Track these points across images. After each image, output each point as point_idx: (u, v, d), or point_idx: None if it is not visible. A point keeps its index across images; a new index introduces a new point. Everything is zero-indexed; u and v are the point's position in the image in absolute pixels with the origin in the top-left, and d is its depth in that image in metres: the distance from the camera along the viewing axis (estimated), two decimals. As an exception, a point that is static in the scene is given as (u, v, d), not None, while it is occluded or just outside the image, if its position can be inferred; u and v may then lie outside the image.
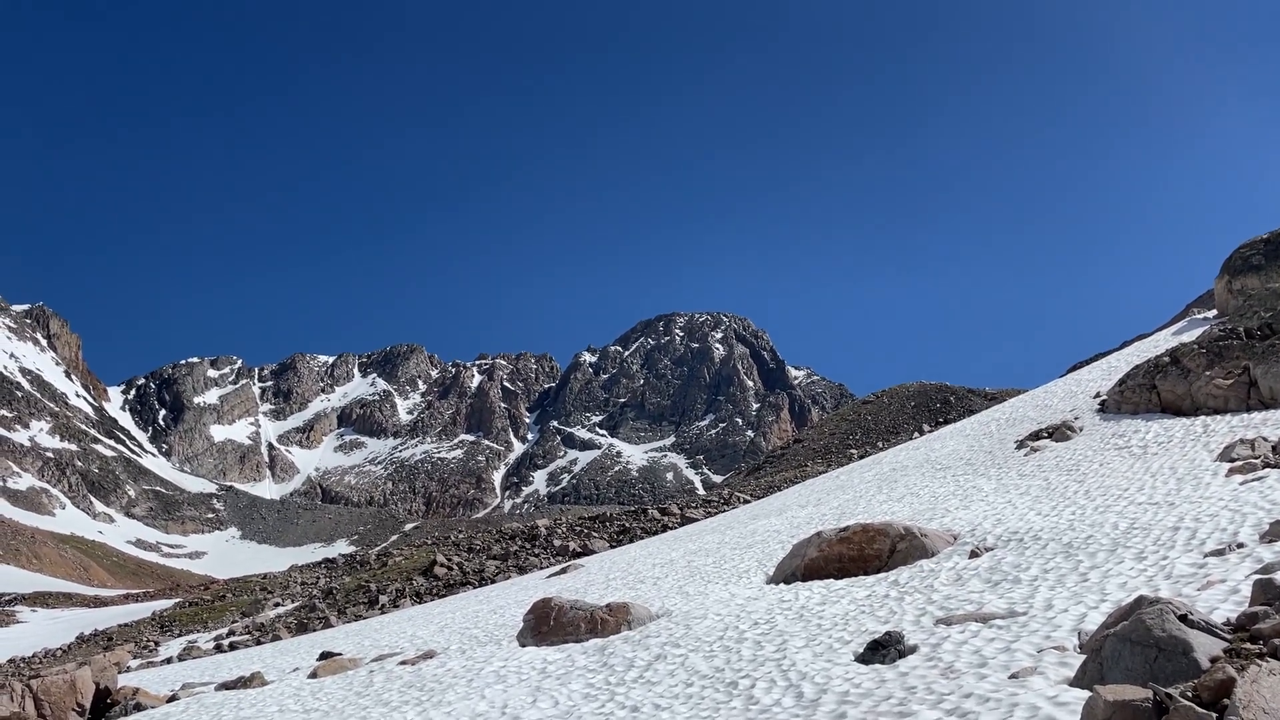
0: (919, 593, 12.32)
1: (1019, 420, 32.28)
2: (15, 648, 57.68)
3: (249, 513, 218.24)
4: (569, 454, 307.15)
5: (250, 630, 43.39)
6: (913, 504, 22.09)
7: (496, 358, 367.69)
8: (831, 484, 36.47)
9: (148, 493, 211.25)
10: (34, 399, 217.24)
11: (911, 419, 74.63)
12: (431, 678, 14.37)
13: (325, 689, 15.66)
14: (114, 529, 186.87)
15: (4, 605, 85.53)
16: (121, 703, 17.39)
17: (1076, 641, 8.57)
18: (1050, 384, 42.46)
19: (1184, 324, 40.44)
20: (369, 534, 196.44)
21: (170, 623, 54.35)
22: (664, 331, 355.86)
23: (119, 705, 17.28)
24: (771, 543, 22.11)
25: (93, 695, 17.44)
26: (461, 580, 43.28)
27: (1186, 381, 24.98)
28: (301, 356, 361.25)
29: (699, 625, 13.30)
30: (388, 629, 27.21)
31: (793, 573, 15.89)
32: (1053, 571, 11.73)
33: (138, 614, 65.74)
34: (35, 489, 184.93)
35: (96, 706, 17.41)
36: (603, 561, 33.00)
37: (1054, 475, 20.52)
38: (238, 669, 24.02)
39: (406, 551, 60.69)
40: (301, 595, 51.44)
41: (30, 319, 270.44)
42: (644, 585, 20.55)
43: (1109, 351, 52.63)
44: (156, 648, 45.38)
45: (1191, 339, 30.40)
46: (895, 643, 9.79)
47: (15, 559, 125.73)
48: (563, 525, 51.53)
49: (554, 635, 14.76)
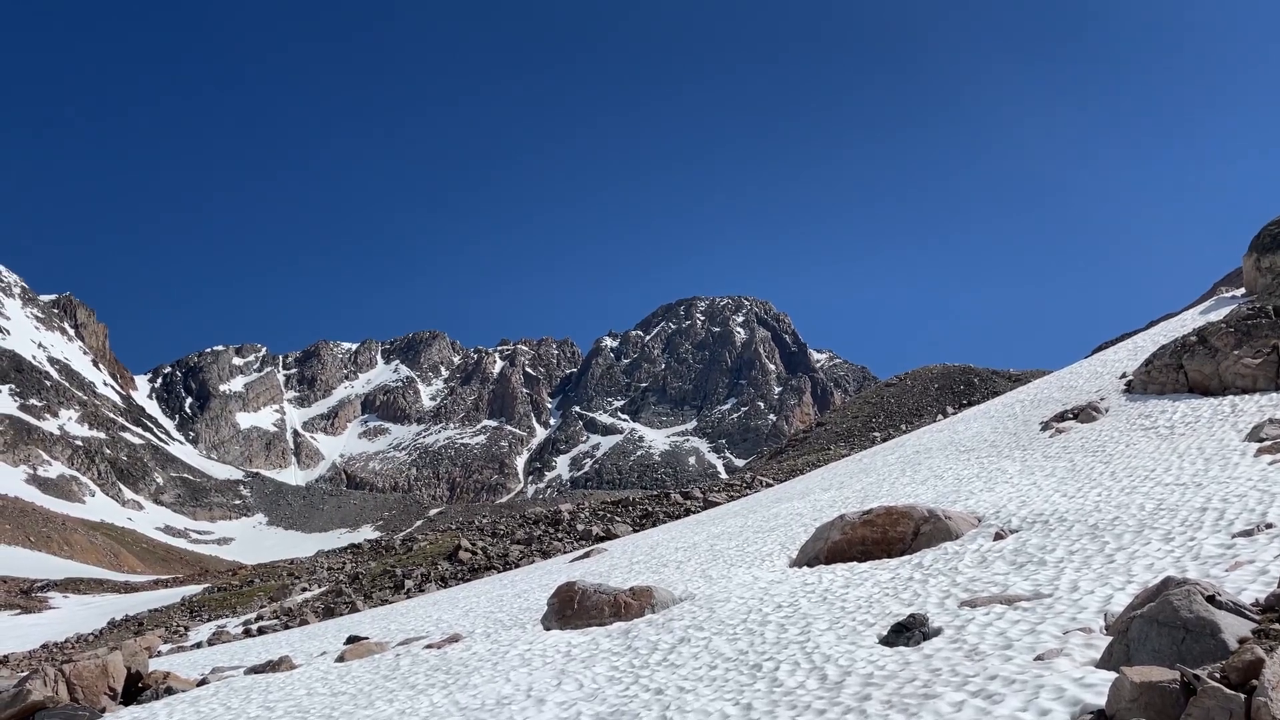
0: (943, 575, 12.28)
1: (1044, 401, 32.02)
2: (48, 633, 58.61)
3: (275, 499, 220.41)
4: (591, 439, 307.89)
5: (278, 615, 43.86)
6: (936, 486, 22.00)
7: (518, 343, 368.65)
8: (854, 467, 36.36)
9: (175, 480, 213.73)
10: (63, 388, 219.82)
11: (935, 401, 74.25)
12: (457, 661, 14.48)
13: (352, 672, 15.81)
14: (143, 516, 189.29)
15: (37, 591, 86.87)
16: (153, 686, 17.61)
17: (1103, 623, 8.52)
18: (1075, 365, 42.08)
19: (1211, 303, 39.93)
20: (394, 519, 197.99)
21: (199, 608, 55.01)
22: (685, 316, 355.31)
23: (150, 689, 17.51)
24: (794, 526, 22.09)
25: (124, 679, 17.67)
26: (486, 565, 43.54)
27: (1214, 361, 24.69)
28: (325, 344, 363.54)
29: (722, 608, 13.32)
30: (413, 613, 27.43)
31: (816, 556, 15.87)
32: (1078, 553, 11.65)
33: (167, 599, 66.62)
34: (65, 477, 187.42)
35: (128, 690, 17.65)
36: (626, 546, 33.10)
37: (1079, 457, 20.37)
38: (266, 653, 24.29)
39: (431, 536, 61.08)
40: (328, 580, 51.91)
41: (58, 309, 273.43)
42: (667, 569, 20.60)
43: (1135, 331, 52.10)
44: (186, 633, 45.96)
45: (1219, 318, 30.01)
46: (919, 625, 9.77)
47: (47, 546, 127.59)
48: (585, 510, 51.70)
49: (578, 619, 14.82)
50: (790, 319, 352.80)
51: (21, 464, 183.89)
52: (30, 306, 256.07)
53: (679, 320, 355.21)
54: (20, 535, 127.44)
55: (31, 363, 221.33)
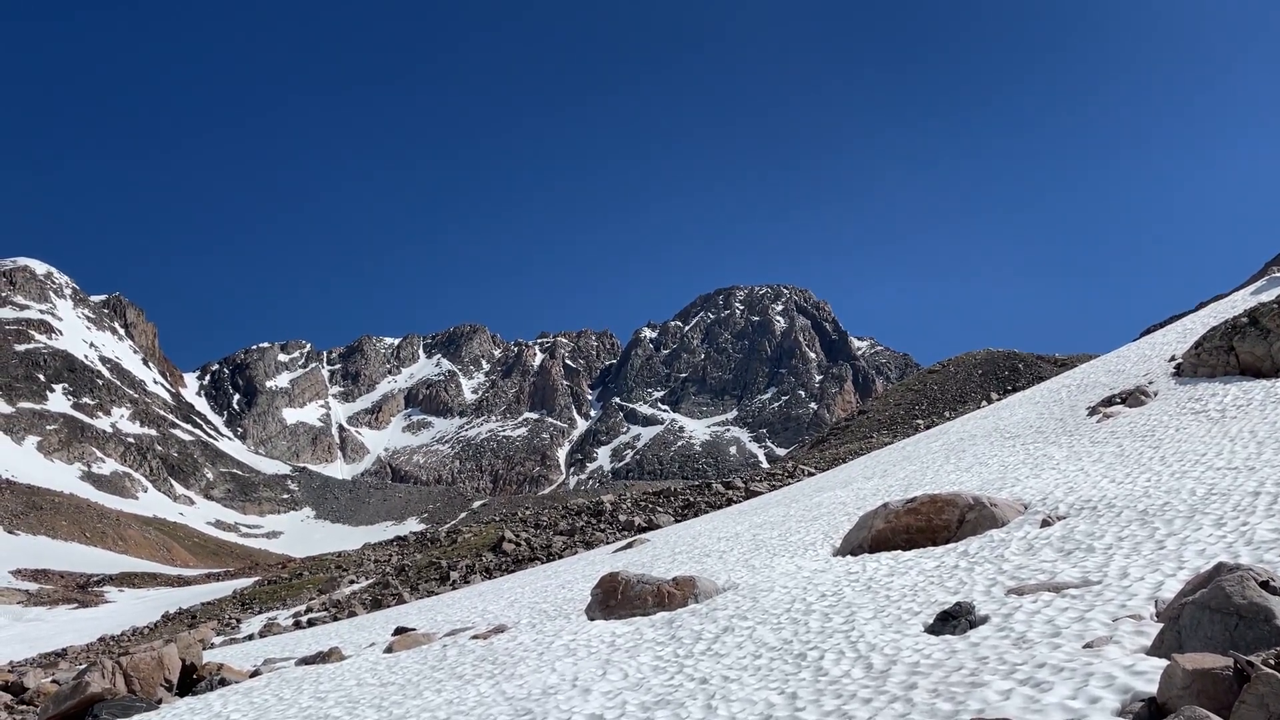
0: (989, 563, 12.16)
1: (1091, 386, 31.54)
2: (104, 626, 59.96)
3: (322, 493, 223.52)
4: (632, 430, 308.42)
5: (327, 607, 44.50)
6: (981, 474, 21.77)
7: (558, 336, 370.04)
8: (897, 455, 36.08)
9: (225, 475, 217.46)
10: (114, 386, 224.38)
11: (979, 387, 73.44)
12: (503, 651, 14.61)
13: (400, 663, 16.01)
14: (194, 510, 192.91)
15: (93, 586, 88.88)
16: (207, 678, 17.97)
17: (1153, 610, 8.40)
18: (1123, 348, 41.38)
19: (1263, 283, 39.07)
20: (438, 511, 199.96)
21: (250, 600, 55.97)
22: (724, 305, 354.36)
23: (204, 680, 17.86)
24: (837, 515, 21.98)
25: (179, 671, 18.05)
26: (529, 556, 43.83)
27: (1266, 342, 24.17)
28: (368, 339, 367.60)
29: (766, 598, 13.30)
30: (459, 604, 27.69)
31: (859, 544, 15.79)
32: (1128, 539, 11.48)
33: (219, 593, 67.85)
34: (118, 473, 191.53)
35: (183, 681, 18.02)
36: (668, 536, 33.13)
37: (1128, 441, 20.05)
38: (316, 644, 24.65)
39: (475, 528, 61.61)
40: (375, 572, 52.57)
41: (108, 309, 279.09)
42: (709, 559, 20.60)
43: (1184, 313, 51.14)
44: (238, 625, 46.78)
45: (1271, 298, 29.34)
46: (966, 613, 9.69)
47: (102, 541, 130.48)
48: (627, 500, 51.83)
49: (621, 609, 14.89)
50: (830, 307, 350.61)
51: (76, 461, 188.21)
52: (81, 307, 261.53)
53: (718, 310, 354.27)
54: (76, 531, 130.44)
55: (84, 362, 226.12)
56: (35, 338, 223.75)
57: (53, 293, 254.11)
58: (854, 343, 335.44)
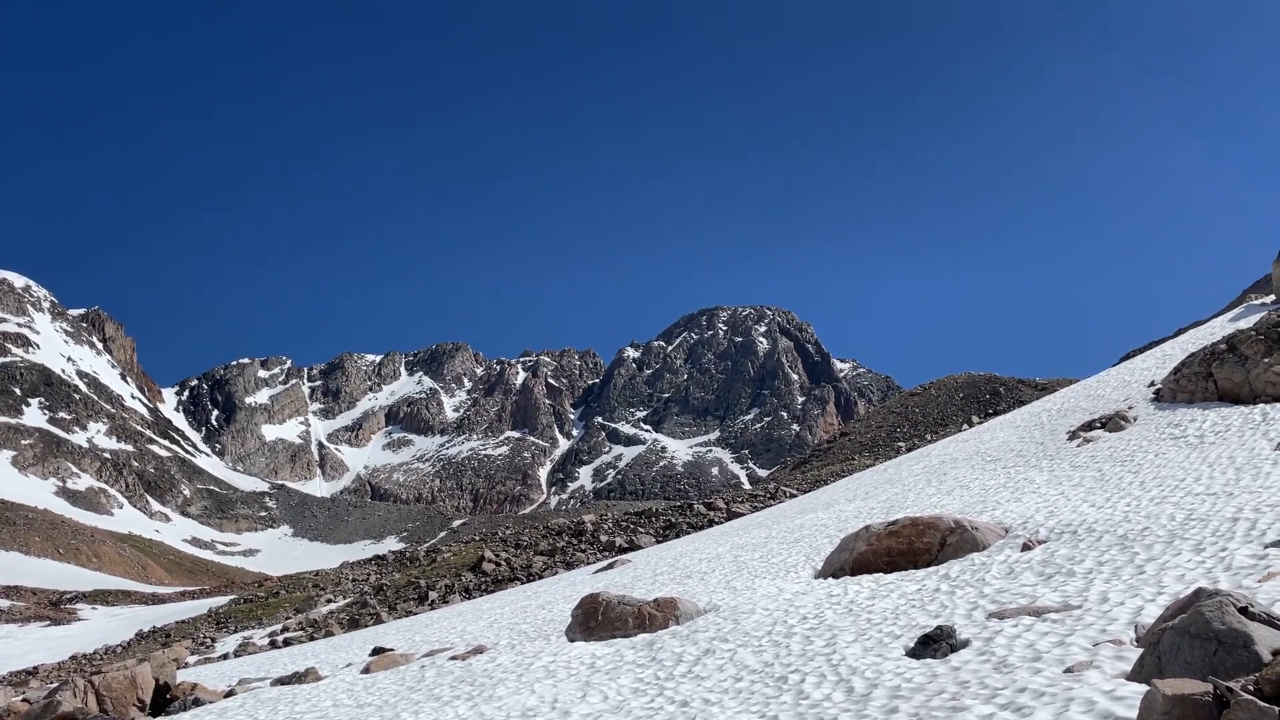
0: (970, 586, 12.18)
1: (1071, 410, 31.75)
2: (77, 644, 59.12)
3: (300, 511, 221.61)
4: (614, 449, 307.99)
5: (304, 626, 44.08)
6: (963, 497, 21.84)
7: (540, 354, 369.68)
8: (879, 477, 36.16)
9: (202, 492, 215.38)
10: (91, 401, 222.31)
11: (960, 411, 73.76)
12: (482, 672, 14.49)
13: (378, 684, 15.86)
14: (170, 528, 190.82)
15: (66, 603, 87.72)
16: (180, 698, 17.74)
17: (1133, 635, 8.42)
18: (1103, 373, 41.69)
19: (1241, 310, 39.48)
20: (418, 530, 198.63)
21: (226, 619, 55.36)
22: (707, 326, 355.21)
23: (178, 700, 17.64)
24: (819, 537, 21.98)
25: (153, 691, 17.81)
26: (509, 576, 43.59)
27: (1244, 369, 24.41)
28: (349, 356, 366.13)
29: (747, 620, 13.27)
30: (438, 624, 27.49)
31: (841, 567, 15.78)
32: (1108, 564, 11.53)
33: (194, 611, 67.08)
34: (94, 489, 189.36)
35: (156, 701, 17.78)
36: (649, 557, 33.02)
37: (1108, 466, 20.17)
38: (292, 664, 24.40)
39: (455, 548, 61.24)
40: (353, 592, 52.13)
41: (86, 323, 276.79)
42: (691, 580, 20.54)
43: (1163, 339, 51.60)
44: (213, 644, 46.25)
45: (1249, 325, 29.65)
46: (947, 637, 9.69)
47: (75, 558, 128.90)
48: (609, 521, 51.67)
49: (602, 630, 14.81)
50: (813, 329, 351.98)
51: (51, 476, 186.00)
52: (59, 320, 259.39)
53: (701, 330, 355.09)
54: (50, 547, 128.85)
55: (61, 376, 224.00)
56: (12, 351, 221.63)
57: (30, 306, 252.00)
58: (837, 364, 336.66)
